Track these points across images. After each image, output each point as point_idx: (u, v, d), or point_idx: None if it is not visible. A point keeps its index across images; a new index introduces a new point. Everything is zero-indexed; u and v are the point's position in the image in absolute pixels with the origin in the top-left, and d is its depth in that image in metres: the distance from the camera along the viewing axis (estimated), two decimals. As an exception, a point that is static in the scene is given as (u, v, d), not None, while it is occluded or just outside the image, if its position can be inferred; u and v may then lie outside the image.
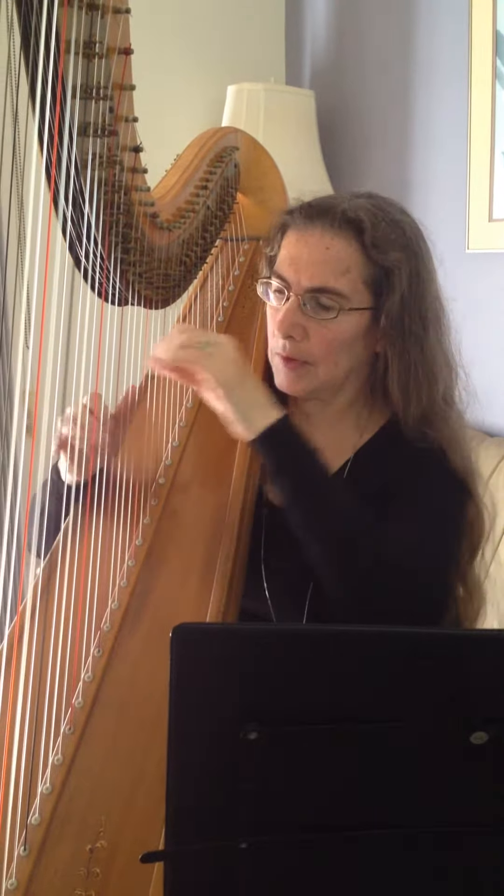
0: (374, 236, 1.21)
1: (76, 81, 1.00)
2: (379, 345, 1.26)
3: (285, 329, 1.23)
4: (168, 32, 2.59)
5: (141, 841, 0.96)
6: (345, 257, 1.21)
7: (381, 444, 1.30)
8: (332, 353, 1.24)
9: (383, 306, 1.22)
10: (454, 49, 2.19)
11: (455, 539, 1.27)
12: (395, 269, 1.22)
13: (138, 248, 1.18)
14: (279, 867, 0.72)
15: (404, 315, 1.23)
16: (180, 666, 0.67)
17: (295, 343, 1.24)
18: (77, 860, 0.95)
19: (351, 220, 1.21)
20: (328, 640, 0.68)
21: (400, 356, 1.24)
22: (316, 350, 1.23)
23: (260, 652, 0.68)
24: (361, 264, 1.22)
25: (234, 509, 1.23)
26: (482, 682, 0.68)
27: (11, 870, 0.94)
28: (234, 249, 1.54)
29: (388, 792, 0.71)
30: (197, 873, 0.72)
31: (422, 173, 2.36)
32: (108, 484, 1.23)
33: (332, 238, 1.21)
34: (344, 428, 1.32)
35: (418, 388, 1.25)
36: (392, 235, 1.23)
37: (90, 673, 1.09)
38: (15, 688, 1.04)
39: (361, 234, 1.21)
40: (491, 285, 2.16)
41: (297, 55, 2.81)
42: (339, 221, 1.21)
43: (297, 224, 1.24)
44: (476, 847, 0.73)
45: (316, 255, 1.21)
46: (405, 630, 0.68)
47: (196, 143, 1.38)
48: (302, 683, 0.68)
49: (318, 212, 1.23)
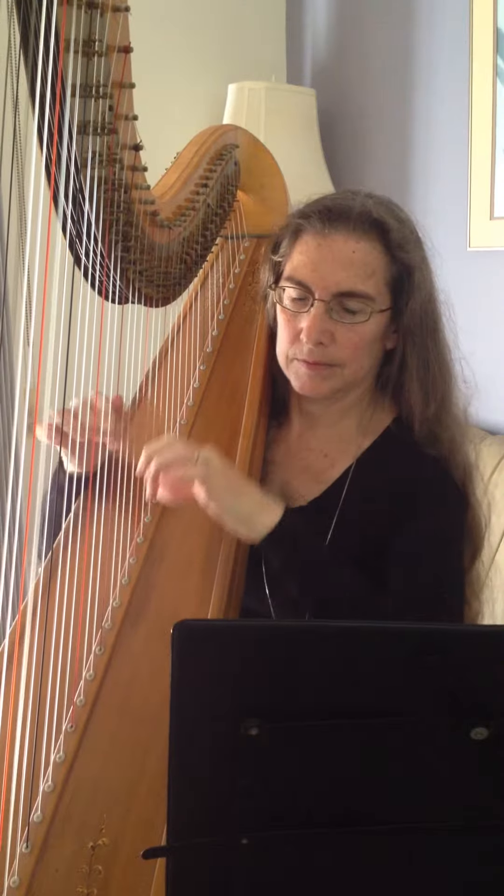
0: (400, 236, 1.21)
1: (76, 80, 1.00)
2: (390, 341, 1.26)
3: (316, 336, 1.21)
4: (169, 30, 2.59)
5: (143, 838, 0.96)
6: (370, 260, 1.20)
7: (383, 450, 1.29)
8: (358, 355, 1.23)
9: (406, 305, 1.23)
10: (455, 47, 2.19)
11: (461, 552, 1.27)
12: (418, 267, 1.22)
13: (138, 247, 1.18)
14: (280, 863, 0.72)
15: (426, 314, 1.24)
16: (182, 662, 0.67)
17: (322, 348, 1.22)
18: (79, 857, 0.95)
19: (375, 222, 1.20)
20: (329, 637, 0.68)
21: (419, 353, 1.25)
22: (343, 353, 1.22)
23: (261, 648, 0.68)
24: (385, 265, 1.21)
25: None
26: (482, 678, 0.68)
27: (14, 867, 0.94)
28: (234, 247, 1.54)
29: (388, 788, 0.71)
30: (198, 869, 0.72)
31: (423, 171, 2.36)
32: (110, 482, 1.23)
33: (357, 241, 1.20)
34: (346, 427, 1.32)
35: (435, 384, 1.26)
36: (409, 234, 1.23)
37: (91, 671, 1.09)
38: (17, 686, 1.04)
39: (386, 234, 1.21)
40: (492, 283, 2.15)
41: (297, 53, 2.81)
42: (363, 223, 1.20)
43: (314, 228, 1.22)
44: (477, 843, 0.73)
45: (342, 259, 1.20)
46: (406, 626, 0.68)
47: (196, 141, 1.38)
48: (303, 680, 0.68)
49: (337, 215, 1.21)
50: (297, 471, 1.32)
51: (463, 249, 2.19)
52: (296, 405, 1.35)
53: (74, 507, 1.24)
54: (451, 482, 1.26)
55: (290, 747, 0.69)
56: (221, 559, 1.18)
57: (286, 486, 1.32)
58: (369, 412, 1.31)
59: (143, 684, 1.09)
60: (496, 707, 0.68)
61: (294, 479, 1.32)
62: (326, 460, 1.31)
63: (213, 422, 1.35)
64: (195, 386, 1.37)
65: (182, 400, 1.36)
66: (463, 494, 1.27)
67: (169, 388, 1.36)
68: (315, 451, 1.32)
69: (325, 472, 1.30)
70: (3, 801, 0.97)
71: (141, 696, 1.07)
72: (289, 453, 1.34)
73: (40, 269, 0.97)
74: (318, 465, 1.31)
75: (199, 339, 1.43)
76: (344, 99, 2.63)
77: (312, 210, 1.24)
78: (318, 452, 1.32)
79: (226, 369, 1.40)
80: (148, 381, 1.38)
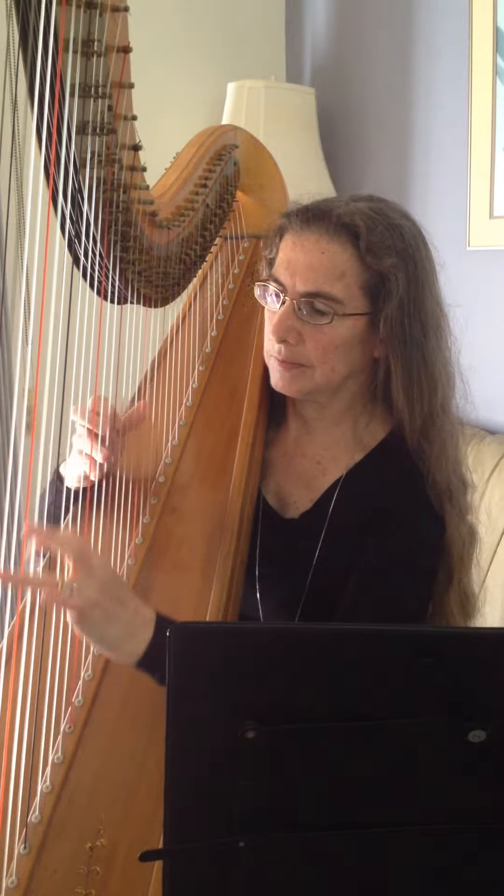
0: (370, 241, 1.20)
1: (75, 79, 1.00)
2: (377, 350, 1.25)
3: (280, 333, 1.22)
4: (168, 30, 2.58)
5: (141, 839, 0.96)
6: (339, 262, 1.20)
7: (372, 465, 1.28)
8: (328, 358, 1.23)
9: (381, 312, 1.22)
10: (454, 46, 2.19)
11: (425, 582, 1.26)
12: (391, 275, 1.20)
13: (137, 247, 1.17)
14: (278, 865, 0.72)
15: (404, 320, 1.22)
16: (179, 664, 0.67)
17: (290, 347, 1.23)
18: (77, 858, 0.95)
19: (346, 226, 1.20)
20: (326, 639, 0.68)
21: (403, 362, 1.23)
22: (311, 354, 1.22)
23: (258, 651, 0.68)
24: (357, 270, 1.21)
25: (234, 507, 1.23)
26: (480, 681, 0.68)
27: (12, 868, 0.94)
28: (233, 248, 1.54)
29: (386, 790, 0.71)
30: (196, 871, 0.72)
31: (422, 170, 2.36)
32: (108, 483, 1.23)
33: (327, 243, 1.20)
34: (341, 434, 1.31)
35: (420, 395, 1.24)
36: (388, 241, 1.21)
37: (90, 671, 1.09)
38: (15, 686, 1.04)
39: (357, 239, 1.20)
40: (492, 282, 2.15)
41: (297, 52, 2.81)
42: (335, 226, 1.20)
43: (293, 228, 1.23)
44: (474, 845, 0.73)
45: (311, 259, 1.20)
46: (403, 629, 0.68)
47: (195, 141, 1.38)
48: (300, 682, 0.68)
49: (314, 216, 1.22)
50: (292, 476, 1.32)
51: (462, 249, 2.19)
52: (292, 409, 1.35)
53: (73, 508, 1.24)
54: (426, 504, 1.24)
55: (288, 749, 0.69)
56: (220, 558, 1.18)
57: (280, 490, 1.33)
58: (364, 421, 1.31)
59: (141, 684, 1.08)
60: (494, 710, 0.68)
61: (287, 484, 1.32)
62: (318, 468, 1.31)
63: (212, 422, 1.35)
64: (194, 386, 1.37)
65: (181, 400, 1.36)
66: (438, 517, 1.25)
67: (168, 389, 1.36)
68: (309, 458, 1.32)
69: (316, 479, 1.30)
70: (1, 802, 0.97)
71: (139, 698, 1.07)
72: (285, 456, 1.34)
73: (39, 269, 0.97)
74: (311, 473, 1.31)
75: (198, 340, 1.43)
76: (344, 98, 2.63)
77: (296, 210, 1.25)
78: (312, 459, 1.32)
79: (225, 370, 1.40)
80: (147, 381, 1.38)
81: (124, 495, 1.23)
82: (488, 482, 1.94)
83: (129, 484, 1.24)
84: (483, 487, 1.93)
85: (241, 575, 1.22)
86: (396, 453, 1.27)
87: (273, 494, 1.32)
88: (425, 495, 1.24)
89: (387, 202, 1.26)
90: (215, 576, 1.17)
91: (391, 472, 1.26)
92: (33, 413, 1.06)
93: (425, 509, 1.24)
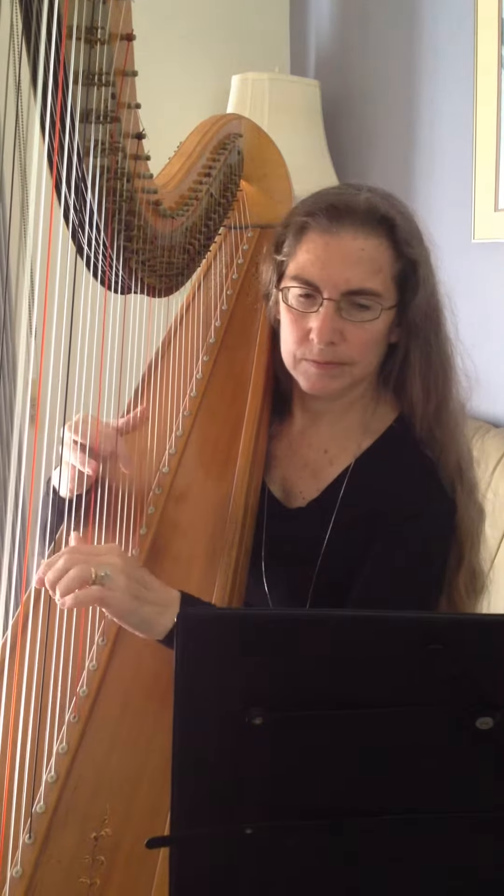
0: (406, 231, 1.20)
1: (78, 67, 0.99)
2: (394, 335, 1.25)
3: (327, 336, 1.19)
4: (172, 21, 2.58)
5: (145, 828, 0.96)
6: (377, 256, 1.19)
7: (382, 452, 1.28)
8: (367, 352, 1.22)
9: (410, 300, 1.22)
10: (459, 37, 2.18)
11: (440, 569, 1.26)
12: (423, 262, 1.21)
13: (141, 236, 1.17)
14: (284, 853, 0.72)
15: (428, 308, 1.23)
16: (185, 652, 0.67)
17: (334, 347, 1.20)
18: (82, 848, 0.95)
19: (382, 218, 1.19)
20: (333, 626, 0.68)
21: (422, 349, 1.24)
22: (353, 352, 1.21)
23: (265, 637, 0.68)
24: (391, 261, 1.20)
25: (238, 496, 1.23)
26: (488, 668, 0.68)
27: (17, 858, 0.94)
28: (237, 237, 1.54)
29: (393, 777, 0.71)
30: (202, 859, 0.72)
31: (427, 163, 2.35)
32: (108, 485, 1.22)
33: (365, 238, 1.18)
34: (349, 424, 1.31)
35: (437, 380, 1.25)
36: (415, 229, 1.22)
37: (94, 661, 1.09)
38: (20, 677, 1.04)
39: (393, 230, 1.19)
40: (496, 275, 2.15)
41: (301, 44, 2.80)
42: (371, 220, 1.19)
43: (321, 226, 1.19)
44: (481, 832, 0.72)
45: (350, 256, 1.18)
46: (411, 615, 0.68)
47: (199, 131, 1.38)
48: (307, 669, 0.68)
49: (344, 212, 1.19)
50: (298, 467, 1.32)
51: (467, 241, 2.19)
52: (299, 401, 1.34)
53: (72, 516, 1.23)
54: (439, 491, 1.24)
55: (295, 736, 0.69)
56: (225, 548, 1.18)
57: (286, 481, 1.32)
58: (372, 407, 1.30)
59: (146, 675, 1.08)
60: (502, 696, 0.67)
61: (294, 475, 1.32)
62: (326, 457, 1.31)
63: (216, 413, 1.34)
64: (198, 377, 1.37)
65: (185, 391, 1.36)
66: (450, 502, 1.25)
67: (172, 379, 1.36)
68: (315, 448, 1.32)
69: (324, 469, 1.30)
70: (6, 791, 0.97)
71: (144, 687, 1.07)
72: (290, 449, 1.34)
73: (42, 259, 0.97)
74: (319, 462, 1.31)
75: (203, 330, 1.42)
76: (348, 90, 2.62)
77: (317, 207, 1.21)
78: (319, 449, 1.32)
79: (229, 360, 1.40)
80: (150, 371, 1.37)
81: (127, 487, 1.22)
82: (493, 475, 1.94)
83: (133, 475, 1.23)
84: (488, 480, 1.92)
85: (245, 566, 1.21)
86: (405, 438, 1.26)
87: (278, 486, 1.32)
88: (436, 479, 1.24)
89: (387, 192, 1.26)
90: (219, 565, 1.16)
91: (401, 457, 1.26)
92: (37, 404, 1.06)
93: (437, 494, 1.24)
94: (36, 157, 1.00)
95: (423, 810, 0.72)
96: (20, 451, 1.17)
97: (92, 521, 1.19)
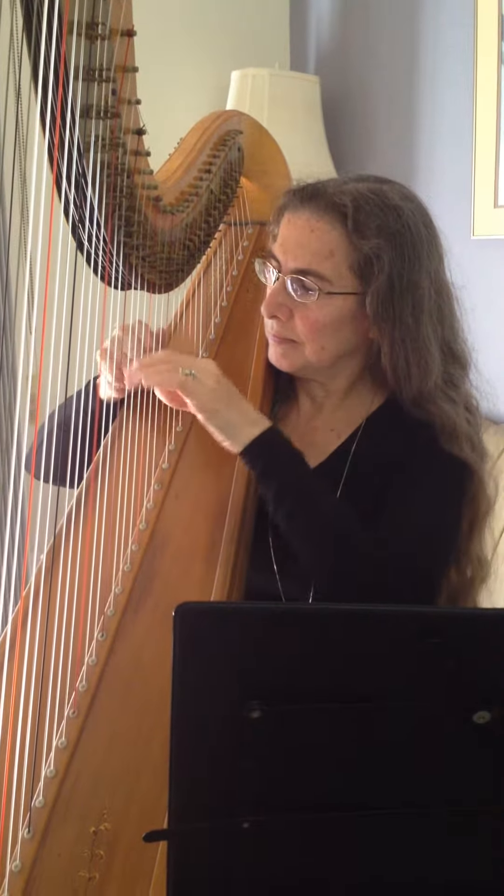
0: (357, 221, 1.21)
1: (79, 63, 1.00)
2: (372, 330, 1.25)
3: (270, 309, 1.26)
4: (172, 17, 2.58)
5: (145, 822, 0.96)
6: (327, 241, 1.22)
7: (389, 412, 1.31)
8: (316, 336, 1.25)
9: (369, 292, 1.22)
10: (459, 33, 2.18)
11: (456, 519, 1.27)
12: (376, 256, 1.21)
13: (141, 232, 1.17)
14: (282, 847, 0.72)
15: (393, 301, 1.22)
16: (183, 645, 0.67)
17: (281, 323, 1.27)
18: (81, 842, 0.95)
19: (335, 206, 1.22)
20: (331, 619, 0.68)
21: (390, 342, 1.24)
22: (300, 331, 1.25)
23: (263, 631, 0.68)
24: (346, 249, 1.22)
25: (238, 491, 1.23)
26: (485, 662, 0.68)
27: (16, 852, 0.94)
28: (237, 234, 1.54)
29: (390, 771, 0.71)
30: (200, 853, 0.72)
31: (427, 159, 2.35)
32: (112, 468, 1.22)
33: (316, 221, 1.22)
34: (350, 405, 1.33)
35: (408, 373, 1.25)
36: (378, 221, 1.21)
37: (94, 656, 1.09)
38: (19, 672, 1.04)
39: (345, 219, 1.21)
40: (496, 271, 2.15)
41: (301, 40, 2.80)
42: (325, 205, 1.22)
43: (290, 206, 1.26)
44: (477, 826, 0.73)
45: (301, 237, 1.23)
46: (409, 609, 0.68)
47: (199, 127, 1.38)
48: (305, 662, 0.68)
49: (308, 195, 1.24)
50: (304, 446, 1.32)
51: (467, 238, 2.19)
52: (302, 389, 1.37)
53: (77, 492, 1.24)
54: (450, 444, 1.26)
55: (293, 730, 0.69)
56: (224, 542, 1.18)
57: None
58: (369, 396, 1.33)
59: (145, 670, 1.09)
60: (499, 691, 0.68)
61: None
62: (333, 434, 1.33)
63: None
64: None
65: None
66: (461, 461, 1.26)
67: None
68: (321, 429, 1.35)
69: (330, 444, 1.32)
70: (5, 786, 0.97)
71: (143, 682, 1.07)
72: (296, 432, 1.35)
73: (43, 255, 0.97)
74: (325, 439, 1.33)
75: (202, 326, 1.42)
76: (348, 86, 2.62)
77: (296, 188, 1.28)
78: (325, 428, 1.34)
79: (228, 356, 1.40)
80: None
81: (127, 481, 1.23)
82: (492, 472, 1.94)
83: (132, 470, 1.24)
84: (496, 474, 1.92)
85: (245, 558, 1.22)
86: (401, 409, 1.29)
87: None
88: (447, 441, 1.26)
89: (392, 184, 1.27)
90: (219, 560, 1.17)
91: (407, 419, 1.27)
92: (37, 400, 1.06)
93: (448, 445, 1.26)
94: (36, 152, 1.00)
95: (420, 804, 0.72)
96: (20, 445, 1.17)
97: (91, 517, 1.20)
